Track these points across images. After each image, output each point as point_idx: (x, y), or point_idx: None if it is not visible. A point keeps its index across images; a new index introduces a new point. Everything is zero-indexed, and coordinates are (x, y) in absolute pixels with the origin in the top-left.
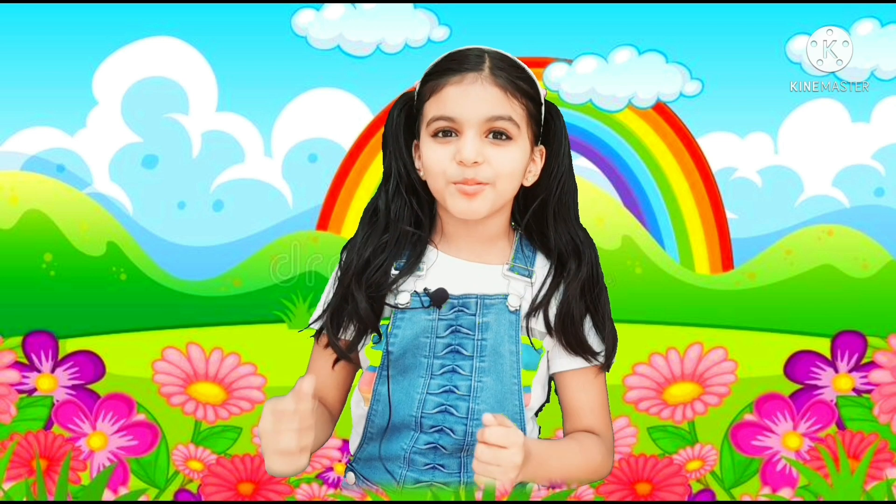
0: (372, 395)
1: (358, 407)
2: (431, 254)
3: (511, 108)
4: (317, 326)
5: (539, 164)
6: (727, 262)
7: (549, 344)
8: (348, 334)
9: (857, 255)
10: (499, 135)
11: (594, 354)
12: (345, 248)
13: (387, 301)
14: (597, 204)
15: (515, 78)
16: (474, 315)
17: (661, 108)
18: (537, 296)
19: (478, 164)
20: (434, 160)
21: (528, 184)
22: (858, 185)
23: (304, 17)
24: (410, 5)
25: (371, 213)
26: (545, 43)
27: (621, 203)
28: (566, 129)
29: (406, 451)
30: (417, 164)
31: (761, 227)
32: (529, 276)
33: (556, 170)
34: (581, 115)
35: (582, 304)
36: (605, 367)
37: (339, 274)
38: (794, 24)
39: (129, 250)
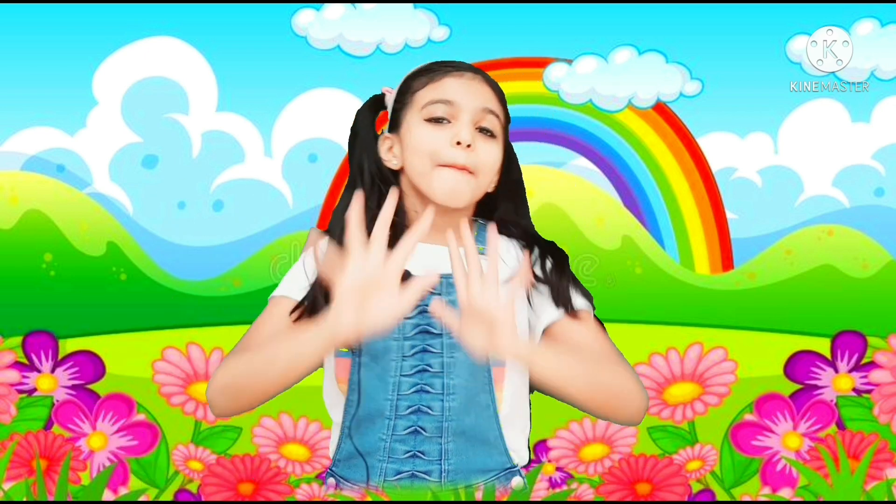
0: (349, 385)
1: (335, 399)
2: None
3: (498, 108)
4: (284, 294)
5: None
6: (727, 262)
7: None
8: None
9: (857, 255)
10: (486, 130)
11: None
12: (313, 230)
13: None
14: (597, 204)
15: (498, 90)
16: (440, 294)
17: (661, 108)
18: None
19: (471, 148)
20: (425, 140)
21: (490, 189)
22: (858, 185)
23: (304, 17)
24: (410, 5)
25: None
26: (545, 43)
27: (621, 203)
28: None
29: (385, 441)
30: (385, 157)
31: (761, 227)
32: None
33: (515, 173)
34: (581, 115)
35: (565, 274)
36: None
37: (313, 258)
38: (794, 24)
39: (129, 250)
